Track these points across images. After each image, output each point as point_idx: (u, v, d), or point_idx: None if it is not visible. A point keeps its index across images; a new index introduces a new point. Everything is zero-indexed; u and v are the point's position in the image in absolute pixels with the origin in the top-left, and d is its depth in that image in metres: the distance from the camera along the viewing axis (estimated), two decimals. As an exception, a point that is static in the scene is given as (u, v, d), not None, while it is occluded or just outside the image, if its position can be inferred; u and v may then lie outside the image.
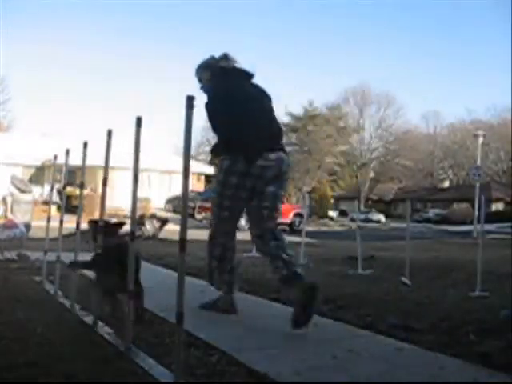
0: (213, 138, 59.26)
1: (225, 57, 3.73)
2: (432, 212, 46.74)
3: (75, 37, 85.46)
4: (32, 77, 74.87)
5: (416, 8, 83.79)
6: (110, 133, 3.45)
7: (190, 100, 2.33)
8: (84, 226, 3.85)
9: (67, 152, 4.32)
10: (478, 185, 23.38)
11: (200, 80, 3.82)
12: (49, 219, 5.00)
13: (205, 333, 3.15)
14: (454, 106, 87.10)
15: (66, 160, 4.35)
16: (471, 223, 25.79)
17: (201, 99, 2.34)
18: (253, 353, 2.81)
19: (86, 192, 5.26)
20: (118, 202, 17.86)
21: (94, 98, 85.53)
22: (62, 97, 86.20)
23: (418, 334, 3.34)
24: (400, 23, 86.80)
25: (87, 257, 3.58)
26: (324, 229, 25.89)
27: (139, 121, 2.89)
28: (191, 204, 21.44)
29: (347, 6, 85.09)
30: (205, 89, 3.75)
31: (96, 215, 3.95)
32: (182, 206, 2.41)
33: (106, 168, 3.44)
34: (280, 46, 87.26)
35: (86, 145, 3.88)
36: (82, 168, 4.00)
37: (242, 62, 3.75)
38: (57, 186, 14.43)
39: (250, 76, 3.72)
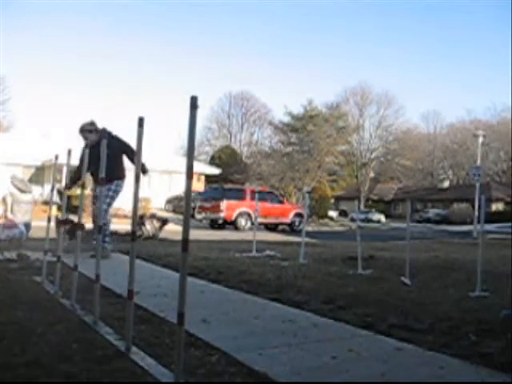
0: (213, 139, 59.29)
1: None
2: (432, 212, 46.70)
3: (76, 36, 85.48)
4: (32, 77, 75.03)
5: (416, 8, 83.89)
6: (68, 152, 4.13)
7: (194, 100, 2.33)
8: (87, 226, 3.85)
9: (69, 152, 4.32)
10: (478, 185, 23.36)
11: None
12: (49, 219, 5.00)
13: (205, 333, 3.15)
14: (454, 105, 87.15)
15: (68, 160, 4.35)
16: (471, 223, 25.79)
17: (203, 99, 2.33)
18: (253, 353, 2.81)
19: (86, 192, 5.30)
20: (118, 201, 17.83)
21: (94, 98, 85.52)
22: (63, 97, 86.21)
23: (418, 333, 3.34)
24: (400, 23, 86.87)
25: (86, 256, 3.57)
26: (324, 229, 25.88)
27: (141, 121, 2.87)
28: (191, 204, 21.43)
29: (347, 5, 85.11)
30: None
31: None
32: (185, 206, 2.41)
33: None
34: (280, 46, 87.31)
35: (87, 146, 3.89)
36: (85, 168, 4.00)
37: (242, 62, 3.75)
38: (57, 185, 14.40)
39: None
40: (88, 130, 6.77)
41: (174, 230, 13.40)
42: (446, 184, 57.87)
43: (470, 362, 2.78)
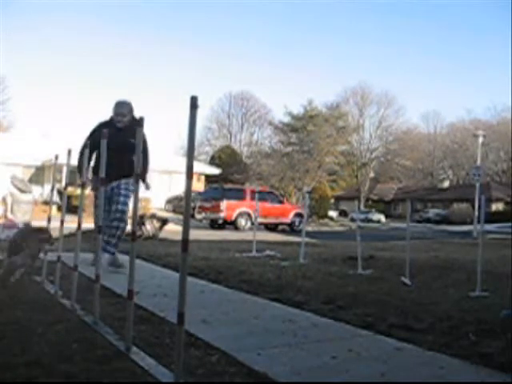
0: (213, 139, 59.29)
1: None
2: (432, 212, 46.68)
3: (76, 36, 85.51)
4: (32, 77, 75.03)
5: (416, 8, 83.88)
6: (68, 152, 4.20)
7: (194, 100, 2.32)
8: (85, 225, 3.85)
9: (69, 152, 4.32)
10: (478, 185, 23.34)
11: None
12: (49, 219, 5.00)
13: (205, 333, 3.15)
14: (454, 105, 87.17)
15: (68, 160, 4.35)
16: (471, 223, 25.79)
17: (203, 99, 2.32)
18: (253, 353, 2.81)
19: (86, 192, 5.30)
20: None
21: (94, 98, 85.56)
22: (63, 97, 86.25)
23: (418, 333, 3.34)
24: (400, 23, 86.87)
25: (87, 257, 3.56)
26: (324, 229, 25.88)
27: (141, 121, 2.87)
28: (191, 204, 21.45)
29: (347, 5, 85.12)
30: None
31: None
32: (185, 206, 2.40)
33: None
34: (280, 46, 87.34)
35: (86, 146, 3.89)
36: (84, 168, 4.01)
37: (242, 62, 3.76)
38: (57, 185, 14.47)
39: None
40: (128, 109, 6.04)
41: (174, 229, 13.40)
42: (446, 184, 57.85)
43: (470, 362, 2.78)
